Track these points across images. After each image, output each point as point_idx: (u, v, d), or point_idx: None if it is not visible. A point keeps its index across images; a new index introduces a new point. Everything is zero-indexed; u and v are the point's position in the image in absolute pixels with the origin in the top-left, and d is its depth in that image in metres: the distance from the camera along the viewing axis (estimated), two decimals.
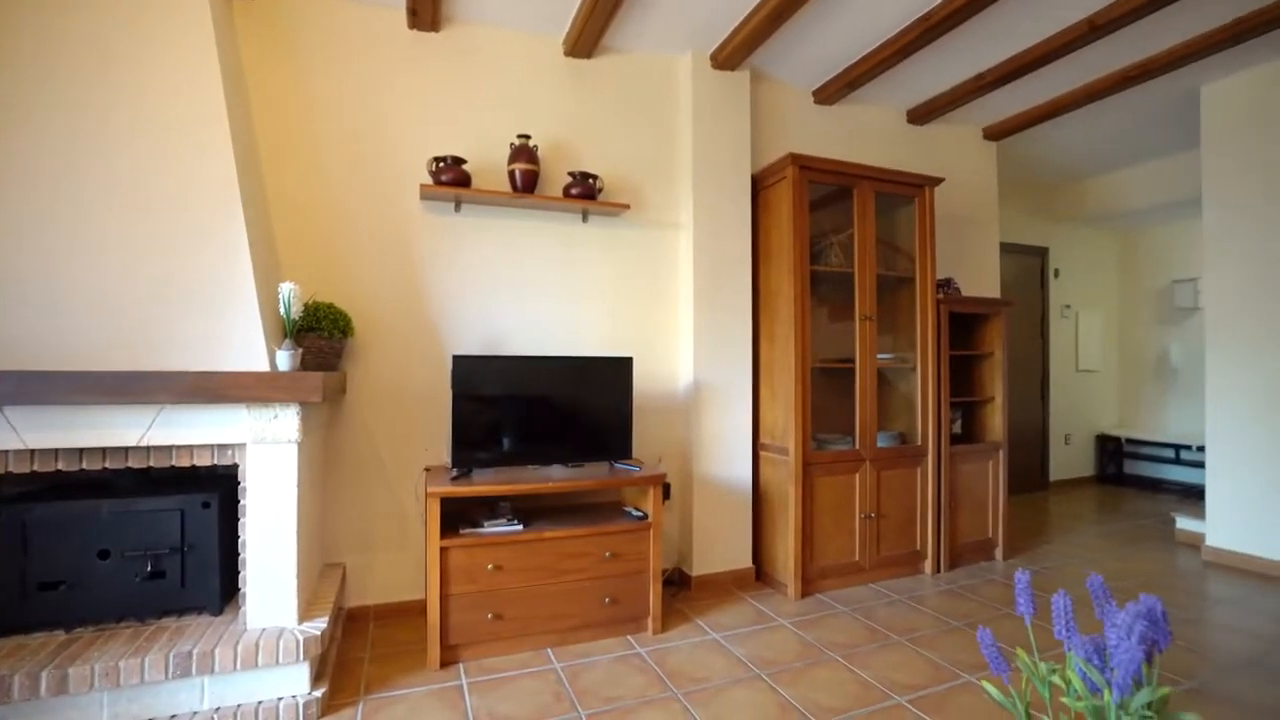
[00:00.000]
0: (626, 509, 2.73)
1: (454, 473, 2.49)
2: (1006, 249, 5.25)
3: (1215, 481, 3.57)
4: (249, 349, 2.07)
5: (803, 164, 2.96)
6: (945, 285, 3.47)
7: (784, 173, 2.99)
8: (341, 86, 2.69)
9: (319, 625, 2.03)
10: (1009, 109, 3.85)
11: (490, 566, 2.33)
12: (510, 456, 2.60)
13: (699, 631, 2.60)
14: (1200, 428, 3.92)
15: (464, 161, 2.70)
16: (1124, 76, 3.36)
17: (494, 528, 2.38)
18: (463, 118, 2.86)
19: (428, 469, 2.67)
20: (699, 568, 3.06)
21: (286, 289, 2.09)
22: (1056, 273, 5.70)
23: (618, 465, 2.73)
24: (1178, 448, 5.39)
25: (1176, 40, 3.08)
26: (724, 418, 3.12)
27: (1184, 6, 2.76)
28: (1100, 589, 0.76)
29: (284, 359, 2.05)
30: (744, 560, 3.15)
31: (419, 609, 2.69)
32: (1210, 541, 3.58)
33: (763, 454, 3.17)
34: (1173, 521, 4.09)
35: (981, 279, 4.09)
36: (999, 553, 3.49)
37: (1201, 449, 4.22)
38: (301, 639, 1.93)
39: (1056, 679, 0.73)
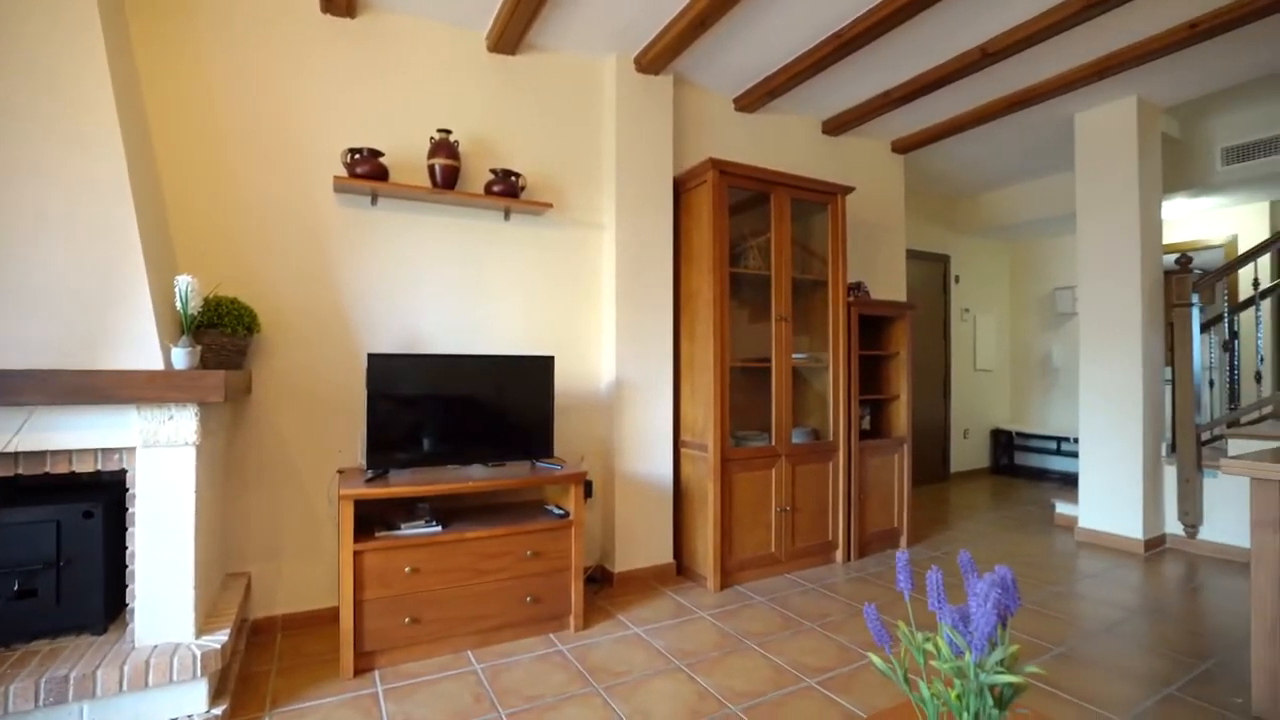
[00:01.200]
0: (548, 507, 2.73)
1: (369, 474, 2.41)
2: (912, 255, 5.61)
3: (1086, 470, 3.96)
4: (141, 346, 1.93)
5: (723, 169, 3.05)
6: (856, 289, 3.67)
7: (705, 176, 3.08)
8: (247, 70, 2.55)
9: (219, 639, 1.92)
10: (913, 125, 4.12)
11: (408, 569, 2.28)
12: (429, 457, 2.55)
13: (621, 627, 2.64)
14: (1077, 422, 4.33)
15: (381, 154, 2.62)
16: (1011, 102, 3.67)
17: (411, 529, 2.33)
18: (380, 109, 2.77)
19: (341, 471, 2.57)
20: (621, 564, 3.10)
21: (184, 282, 1.97)
22: (957, 279, 6.12)
23: (539, 464, 2.73)
24: (1058, 440, 5.92)
25: (1054, 72, 3.39)
26: (645, 416, 3.18)
27: (1059, 43, 3.05)
28: (968, 564, 0.84)
29: (180, 357, 1.93)
30: (665, 556, 3.22)
31: (332, 617, 2.59)
32: (1082, 524, 3.97)
33: (683, 451, 3.25)
34: (1053, 507, 4.49)
35: (889, 283, 4.36)
36: (904, 540, 3.73)
37: (1077, 441, 4.66)
38: (199, 654, 1.82)
39: (930, 646, 0.81)
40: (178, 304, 1.97)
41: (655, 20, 2.89)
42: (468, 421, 2.64)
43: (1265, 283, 4.88)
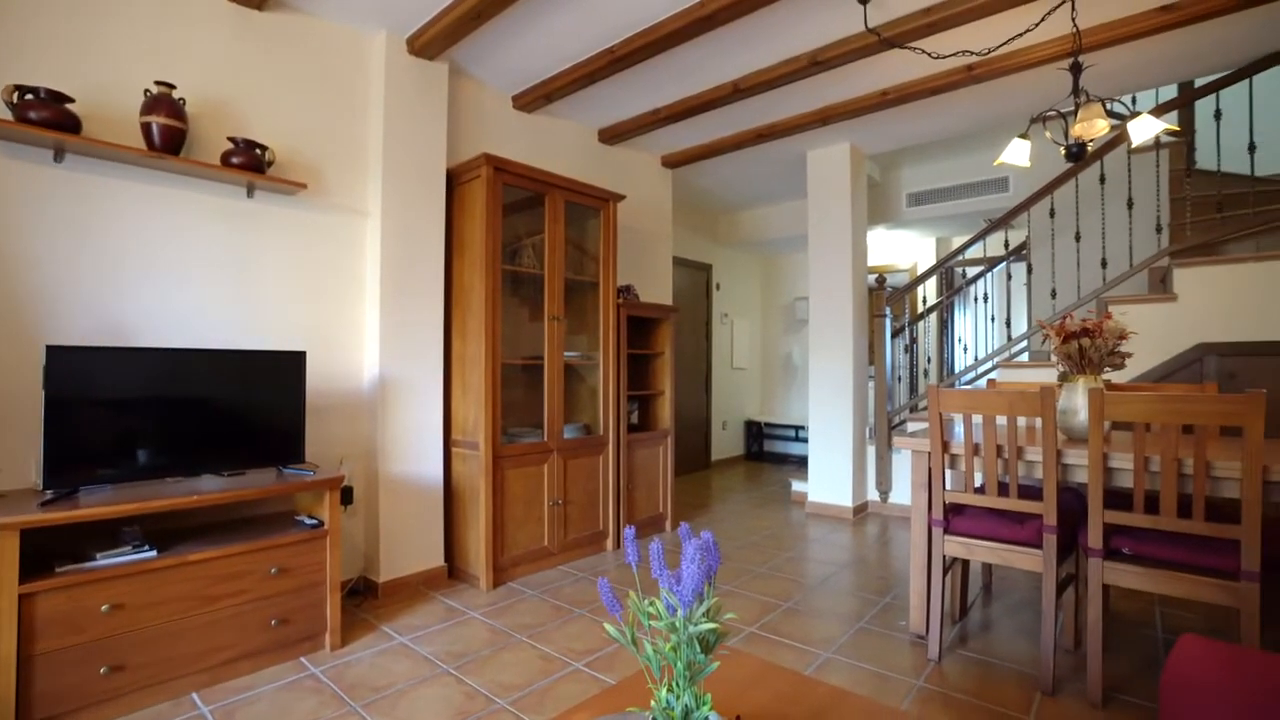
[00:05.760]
0: (300, 518, 2.47)
1: (48, 495, 1.95)
2: (679, 263, 6.14)
3: (813, 452, 4.70)
4: None
5: (497, 165, 3.04)
6: (626, 291, 3.91)
7: (479, 171, 3.04)
8: None
9: None
10: (681, 143, 4.51)
11: (106, 607, 1.89)
12: (142, 469, 2.15)
13: (385, 638, 2.50)
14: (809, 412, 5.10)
15: (70, 100, 2.13)
16: (758, 133, 4.20)
17: (111, 559, 1.94)
18: (71, 44, 2.25)
19: (1, 495, 2.04)
20: (387, 572, 2.92)
21: None
22: (718, 286, 6.84)
23: (287, 470, 2.46)
24: (796, 428, 6.93)
25: (790, 114, 3.97)
26: (414, 415, 3.04)
27: (793, 89, 3.57)
28: (685, 533, 0.97)
29: None
30: (436, 559, 3.11)
31: None
32: (811, 498, 4.70)
33: (454, 450, 3.17)
34: (789, 486, 5.26)
35: (657, 288, 4.71)
36: (668, 524, 4.07)
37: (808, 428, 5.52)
38: None
39: (652, 609, 0.91)
40: None
41: (428, 2, 2.78)
42: (195, 426, 2.27)
43: (931, 300, 6.25)
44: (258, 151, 2.55)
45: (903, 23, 2.83)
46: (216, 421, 2.32)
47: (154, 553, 2.02)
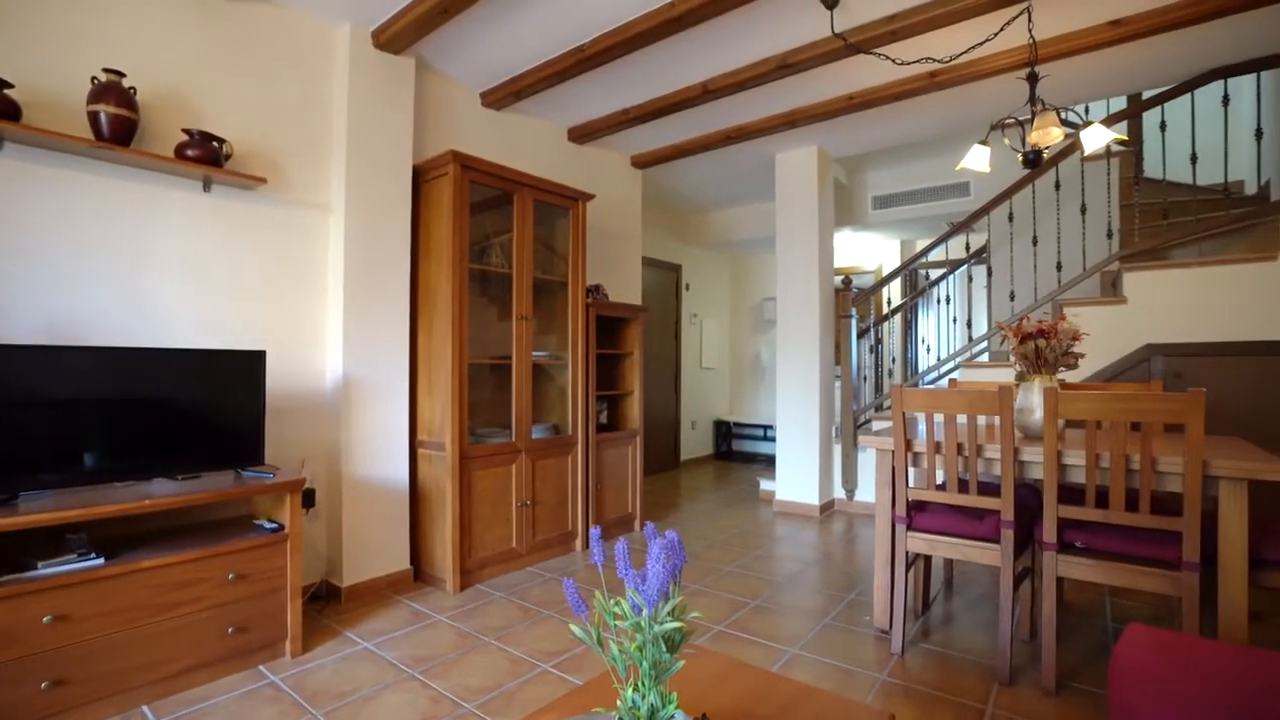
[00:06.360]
0: (259, 522, 2.40)
1: None
2: (648, 263, 6.15)
3: (781, 451, 4.76)
4: None
5: (465, 162, 3.00)
6: (595, 291, 3.90)
7: (446, 169, 2.99)
8: None
9: None
10: (651, 143, 4.51)
11: (48, 619, 1.81)
12: (90, 473, 2.07)
13: (348, 644, 2.44)
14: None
15: (9, 85, 2.04)
16: (728, 135, 4.24)
17: (54, 568, 1.86)
18: (12, 29, 2.15)
19: None
20: (351, 577, 2.86)
21: None
22: (688, 286, 6.87)
23: (246, 473, 2.39)
24: (765, 428, 7.00)
25: (759, 116, 4.01)
26: (379, 416, 2.98)
27: (763, 91, 3.60)
28: (651, 532, 0.97)
29: None
30: (401, 562, 3.06)
31: None
32: (779, 496, 4.76)
33: (420, 451, 3.12)
34: (758, 485, 5.31)
35: (626, 288, 4.71)
36: (637, 524, 4.07)
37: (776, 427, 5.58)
38: None
39: (618, 609, 0.91)
40: None
41: None
42: (148, 428, 2.19)
43: (895, 301, 6.38)
44: (215, 144, 2.47)
45: (868, 29, 2.88)
46: (171, 423, 2.24)
47: (101, 560, 1.94)
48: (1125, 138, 3.57)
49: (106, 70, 2.23)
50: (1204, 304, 3.38)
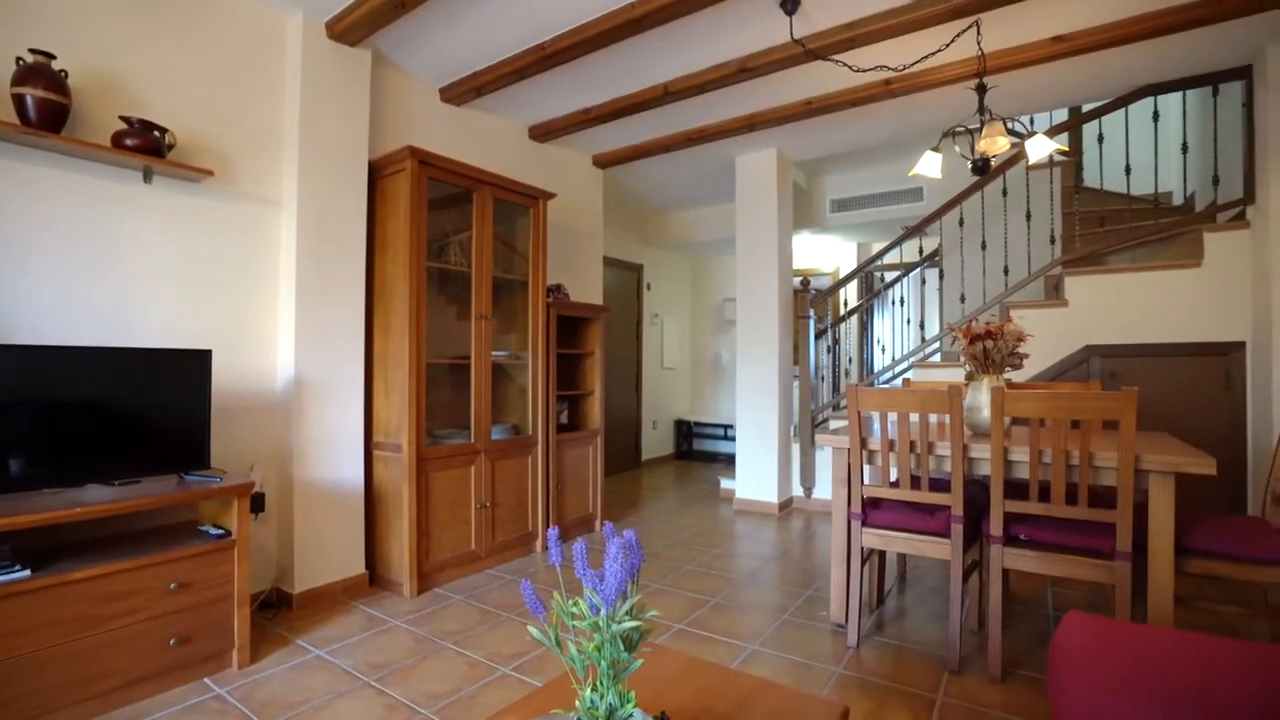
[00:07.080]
0: (204, 528, 2.31)
1: None
2: (610, 263, 6.14)
3: (740, 450, 4.81)
4: None
5: (423, 159, 2.95)
6: (556, 290, 3.87)
7: (403, 165, 2.93)
8: None
9: None
10: (612, 143, 4.51)
11: None
12: (14, 481, 1.95)
13: (300, 652, 2.37)
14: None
15: None
16: (688, 137, 4.26)
17: None
18: None
19: None
20: (303, 583, 2.78)
21: None
22: (649, 286, 6.89)
23: (190, 477, 2.30)
24: (725, 427, 7.08)
25: (720, 118, 4.05)
26: (332, 417, 2.90)
27: (723, 94, 3.63)
28: (609, 532, 0.97)
29: None
30: (357, 567, 2.98)
31: None
32: (739, 495, 4.81)
33: (376, 453, 3.05)
34: (718, 483, 5.36)
35: (587, 287, 4.70)
36: (598, 524, 4.06)
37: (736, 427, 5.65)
38: None
39: (575, 609, 0.91)
40: None
41: None
42: (80, 432, 2.08)
43: (852, 303, 6.52)
44: (156, 134, 2.36)
45: (826, 35, 2.94)
46: (106, 426, 2.14)
47: (27, 572, 1.84)
48: (1066, 148, 3.74)
49: (33, 51, 2.11)
50: (1137, 307, 3.56)
